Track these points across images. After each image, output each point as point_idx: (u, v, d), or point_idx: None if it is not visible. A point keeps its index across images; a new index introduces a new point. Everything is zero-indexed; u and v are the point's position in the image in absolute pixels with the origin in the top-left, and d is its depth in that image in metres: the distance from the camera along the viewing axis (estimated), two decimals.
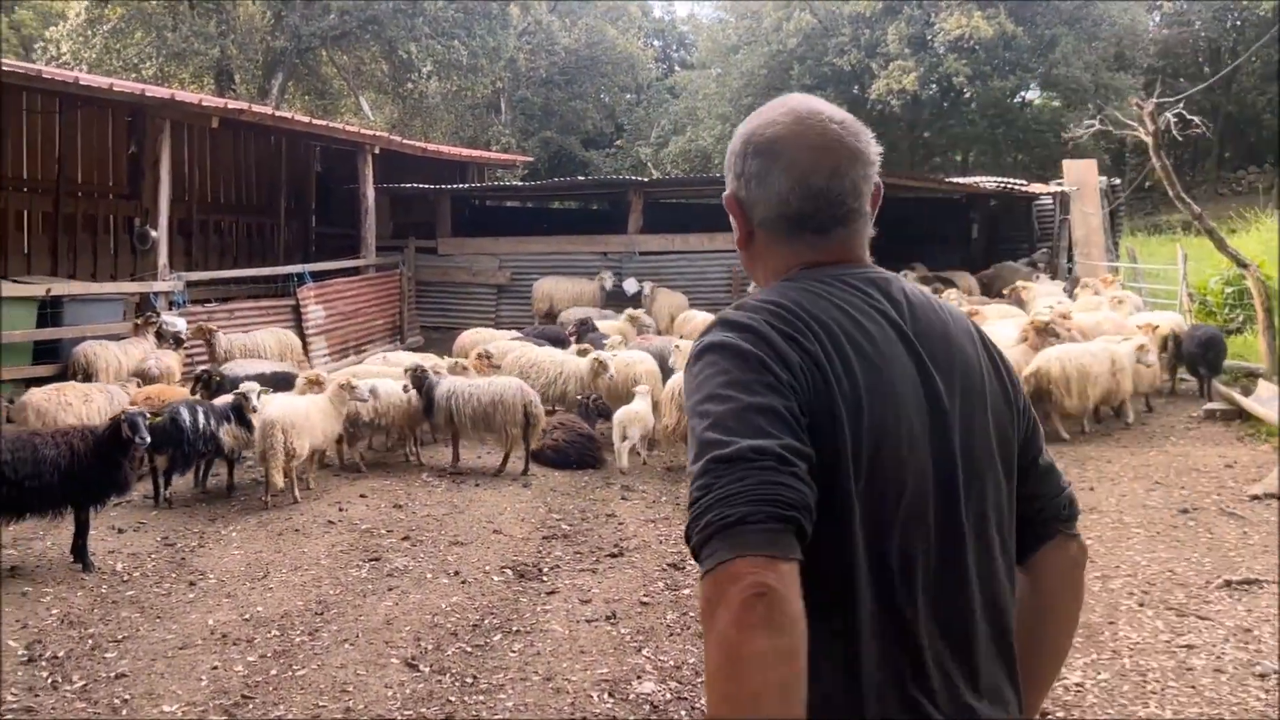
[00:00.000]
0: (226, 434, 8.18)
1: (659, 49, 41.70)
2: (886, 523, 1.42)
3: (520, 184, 24.51)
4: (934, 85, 27.14)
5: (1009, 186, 19.09)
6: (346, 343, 15.43)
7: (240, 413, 8.21)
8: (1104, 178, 18.85)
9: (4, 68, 10.91)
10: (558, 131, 33.78)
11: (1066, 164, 18.93)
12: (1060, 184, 18.76)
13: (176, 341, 11.78)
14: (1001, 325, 11.37)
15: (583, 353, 10.59)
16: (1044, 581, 1.68)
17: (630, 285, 17.35)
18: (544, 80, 33.39)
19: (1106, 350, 9.96)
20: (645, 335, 13.23)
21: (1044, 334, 10.37)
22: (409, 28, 24.59)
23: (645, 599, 5.95)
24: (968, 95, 26.27)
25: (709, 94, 30.74)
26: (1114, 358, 9.87)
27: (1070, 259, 18.13)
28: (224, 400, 8.52)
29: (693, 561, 6.33)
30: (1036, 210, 19.99)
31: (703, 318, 13.49)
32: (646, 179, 21.25)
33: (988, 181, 19.95)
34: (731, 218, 1.68)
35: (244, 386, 8.52)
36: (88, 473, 6.36)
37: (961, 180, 21.04)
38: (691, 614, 5.68)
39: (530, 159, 28.53)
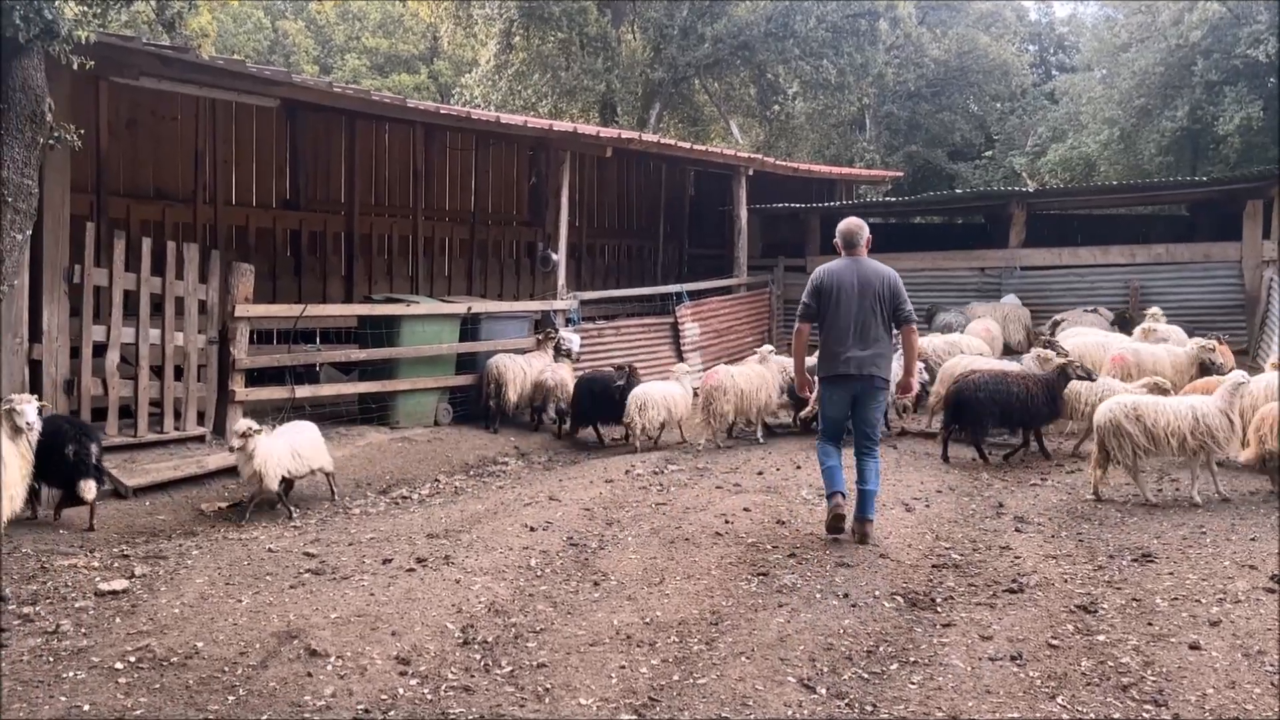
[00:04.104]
0: None
1: (1034, 54, 39.08)
2: (833, 314, 7.45)
3: (893, 199, 24.00)
4: None
5: None
6: (719, 358, 15.89)
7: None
8: None
9: (441, 111, 12.42)
10: (923, 145, 32.78)
11: None
12: None
13: (564, 354, 12.76)
14: None
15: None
16: (900, 337, 7.75)
17: (1008, 301, 16.64)
18: (910, 94, 32.56)
19: None
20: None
21: None
22: (779, 50, 24.99)
23: (1053, 641, 5.49)
24: None
25: (1094, 97, 28.23)
26: None
27: None
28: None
29: (1106, 605, 5.80)
30: None
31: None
32: (1030, 190, 19.99)
33: None
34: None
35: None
36: (1040, 404, 9.97)
37: None
38: (1111, 664, 5.18)
39: (899, 174, 27.91)
